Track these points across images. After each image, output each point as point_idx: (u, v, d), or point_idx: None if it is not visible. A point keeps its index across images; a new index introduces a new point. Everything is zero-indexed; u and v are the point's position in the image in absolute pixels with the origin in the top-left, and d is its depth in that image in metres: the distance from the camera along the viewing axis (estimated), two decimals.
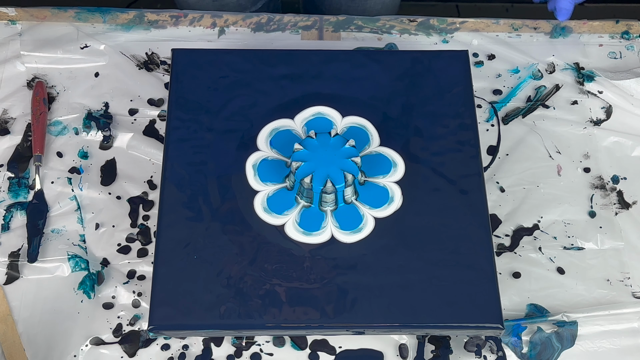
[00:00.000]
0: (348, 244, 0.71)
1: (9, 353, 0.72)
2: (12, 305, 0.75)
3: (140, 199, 0.80)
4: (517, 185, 0.83)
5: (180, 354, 0.73)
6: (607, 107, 0.88)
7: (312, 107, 0.78)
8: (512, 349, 0.74)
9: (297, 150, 0.72)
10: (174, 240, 0.71)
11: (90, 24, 0.91)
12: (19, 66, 0.88)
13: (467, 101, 0.79)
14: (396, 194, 0.74)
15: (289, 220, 0.72)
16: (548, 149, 0.85)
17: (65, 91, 0.87)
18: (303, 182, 0.71)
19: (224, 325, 0.68)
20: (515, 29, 0.94)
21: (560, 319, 0.75)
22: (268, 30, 0.92)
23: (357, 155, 0.72)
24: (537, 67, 0.91)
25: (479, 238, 0.72)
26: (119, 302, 0.75)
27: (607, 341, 0.75)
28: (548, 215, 0.81)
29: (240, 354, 0.73)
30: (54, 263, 0.77)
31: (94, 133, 0.84)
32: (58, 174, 0.82)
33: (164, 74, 0.88)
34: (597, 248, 0.79)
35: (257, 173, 0.75)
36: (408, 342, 0.74)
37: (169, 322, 0.68)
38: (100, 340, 0.73)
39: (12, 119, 0.85)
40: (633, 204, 0.82)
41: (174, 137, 0.76)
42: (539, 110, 0.88)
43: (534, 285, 0.77)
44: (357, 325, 0.69)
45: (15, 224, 0.79)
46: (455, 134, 0.77)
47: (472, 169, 0.75)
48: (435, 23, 0.93)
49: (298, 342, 0.74)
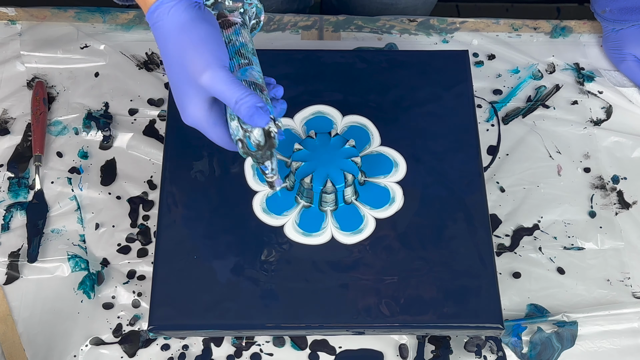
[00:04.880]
0: (348, 245, 0.71)
1: (9, 353, 0.72)
2: (12, 305, 0.75)
3: (140, 199, 0.80)
4: (517, 185, 0.83)
5: (180, 354, 0.73)
6: (607, 107, 0.88)
7: (311, 106, 0.78)
8: (512, 349, 0.74)
9: (297, 150, 0.72)
10: (174, 240, 0.71)
11: (90, 24, 0.91)
12: (18, 66, 0.88)
13: (467, 101, 0.79)
14: (397, 194, 0.74)
15: (288, 220, 0.72)
16: (548, 149, 0.85)
17: (65, 91, 0.87)
18: (303, 182, 0.71)
19: (224, 325, 0.68)
20: (515, 29, 0.94)
21: (561, 319, 0.75)
22: (268, 30, 0.92)
23: (357, 155, 0.72)
24: (537, 67, 0.91)
25: (479, 238, 0.72)
26: (118, 302, 0.75)
27: (607, 341, 0.75)
28: (548, 215, 0.81)
29: (240, 354, 0.73)
30: (54, 263, 0.76)
31: (94, 133, 0.84)
32: (58, 174, 0.82)
33: (164, 74, 0.88)
34: (597, 248, 0.79)
35: (256, 173, 0.75)
36: (408, 342, 0.74)
37: (169, 322, 0.68)
38: (100, 340, 0.73)
39: (12, 119, 0.85)
40: (633, 204, 0.82)
41: (174, 137, 0.76)
42: (539, 110, 0.88)
43: (534, 285, 0.77)
44: (357, 325, 0.69)
45: (15, 224, 0.79)
46: (456, 134, 0.77)
47: (472, 169, 0.75)
48: (435, 23, 0.93)
49: (298, 342, 0.74)
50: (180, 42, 0.61)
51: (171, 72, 0.62)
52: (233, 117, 0.62)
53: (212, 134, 0.64)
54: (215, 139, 0.64)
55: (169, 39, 0.62)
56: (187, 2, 0.62)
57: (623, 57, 0.88)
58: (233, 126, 0.62)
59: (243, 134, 0.62)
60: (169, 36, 0.61)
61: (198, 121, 0.63)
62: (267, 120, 0.60)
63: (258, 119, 0.59)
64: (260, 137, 0.61)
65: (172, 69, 0.62)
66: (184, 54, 0.61)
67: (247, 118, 0.59)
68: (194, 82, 0.61)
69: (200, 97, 0.62)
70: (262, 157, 0.63)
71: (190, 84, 0.61)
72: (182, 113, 0.63)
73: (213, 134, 0.64)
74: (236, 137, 0.62)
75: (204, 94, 0.61)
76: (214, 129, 0.63)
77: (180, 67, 0.61)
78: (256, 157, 0.63)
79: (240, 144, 0.62)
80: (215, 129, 0.63)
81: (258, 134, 0.61)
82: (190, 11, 0.62)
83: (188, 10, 0.62)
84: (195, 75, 0.60)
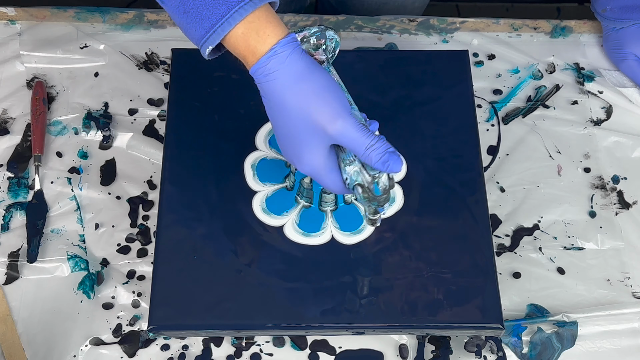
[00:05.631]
0: (348, 245, 0.71)
1: (9, 353, 0.72)
2: (12, 306, 0.75)
3: (140, 199, 0.80)
4: (517, 185, 0.83)
5: (180, 354, 0.73)
6: (608, 107, 0.88)
7: None
8: (512, 349, 0.74)
9: None
10: (173, 240, 0.71)
11: (90, 23, 0.91)
12: (18, 66, 0.88)
13: (467, 101, 0.79)
14: (397, 194, 0.74)
15: (288, 221, 0.72)
16: (548, 149, 0.85)
17: (65, 91, 0.87)
18: (303, 182, 0.71)
19: (224, 325, 0.68)
20: (516, 29, 0.94)
21: (561, 319, 0.75)
22: None
23: None
24: (537, 67, 0.90)
25: (479, 238, 0.72)
26: (118, 302, 0.75)
27: (607, 341, 0.75)
28: (548, 215, 0.81)
29: (240, 354, 0.73)
30: (54, 263, 0.76)
31: (94, 133, 0.84)
32: (58, 174, 0.82)
33: (164, 73, 0.88)
34: (597, 248, 0.79)
35: (255, 173, 0.75)
36: (408, 342, 0.74)
37: (169, 322, 0.68)
38: (100, 340, 0.73)
39: (11, 119, 0.85)
40: (633, 204, 0.82)
41: (174, 137, 0.76)
42: (539, 110, 0.88)
43: (534, 286, 0.77)
44: (357, 325, 0.69)
45: (15, 224, 0.79)
46: (456, 134, 0.77)
47: (472, 169, 0.75)
48: (435, 23, 0.93)
49: (298, 342, 0.74)
50: (301, 91, 0.58)
51: (288, 124, 0.60)
52: (349, 162, 0.62)
53: (328, 180, 0.63)
54: (329, 184, 0.63)
55: (286, 90, 0.58)
56: (300, 49, 0.59)
57: (623, 56, 0.88)
58: (350, 171, 0.62)
59: (366, 179, 0.62)
60: (287, 87, 0.58)
61: (317, 169, 0.62)
62: (401, 164, 0.59)
63: (393, 165, 0.59)
64: (387, 181, 0.62)
65: (290, 121, 0.60)
66: (307, 104, 0.58)
67: (380, 164, 0.59)
68: (319, 131, 0.59)
69: (322, 145, 0.60)
70: (385, 200, 0.63)
71: (314, 133, 0.59)
72: (299, 162, 0.62)
73: (328, 180, 0.63)
74: (354, 182, 0.62)
75: (327, 142, 0.60)
76: (330, 175, 0.62)
77: (302, 117, 0.59)
78: (379, 201, 0.63)
79: (360, 189, 0.62)
80: (331, 175, 0.62)
81: (386, 179, 0.62)
82: (305, 58, 0.59)
83: (303, 58, 0.59)
84: (323, 124, 0.59)
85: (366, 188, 0.62)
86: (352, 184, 0.62)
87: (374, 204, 0.63)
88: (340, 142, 0.60)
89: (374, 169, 0.61)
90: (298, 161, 0.62)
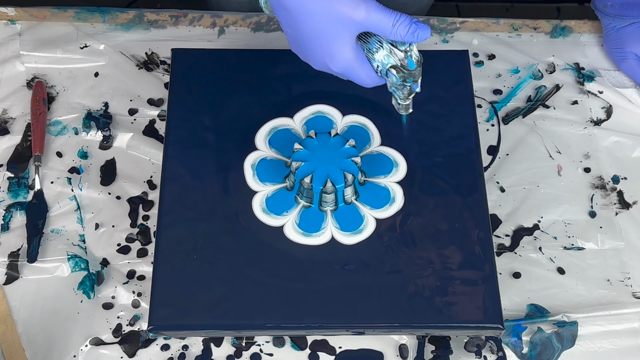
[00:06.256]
0: (348, 246, 0.71)
1: (9, 353, 0.72)
2: (12, 306, 0.75)
3: (140, 199, 0.80)
4: (517, 185, 0.83)
5: (180, 354, 0.73)
6: (608, 107, 0.88)
7: (311, 105, 0.78)
8: (512, 349, 0.74)
9: (297, 150, 0.72)
10: (173, 240, 0.71)
11: (90, 23, 0.91)
12: (18, 66, 0.88)
13: (467, 101, 0.79)
14: (398, 194, 0.74)
15: (288, 221, 0.72)
16: (548, 149, 0.85)
17: (65, 91, 0.87)
18: (303, 182, 0.71)
19: (224, 325, 0.68)
20: (516, 29, 0.94)
21: (561, 319, 0.75)
22: (268, 30, 0.92)
23: (357, 155, 0.72)
24: (537, 67, 0.90)
25: (479, 238, 0.72)
26: (118, 302, 0.75)
27: (607, 341, 0.75)
28: (548, 215, 0.81)
29: (240, 354, 0.73)
30: (54, 263, 0.76)
31: (94, 133, 0.84)
32: (58, 174, 0.82)
33: (164, 73, 0.88)
34: (597, 248, 0.79)
35: (255, 173, 0.75)
36: (408, 342, 0.74)
37: (169, 322, 0.68)
38: (100, 340, 0.73)
39: (11, 119, 0.85)
40: (633, 204, 0.82)
41: (174, 137, 0.76)
42: (539, 110, 0.88)
43: (534, 286, 0.77)
44: (357, 325, 0.69)
45: (15, 224, 0.79)
46: (456, 134, 0.77)
47: (472, 169, 0.75)
48: (435, 23, 0.93)
49: (298, 342, 0.74)
50: None
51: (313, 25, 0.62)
52: (375, 50, 0.64)
53: (362, 72, 0.65)
54: (363, 77, 0.66)
55: None
56: None
57: (624, 55, 0.88)
58: (379, 58, 0.65)
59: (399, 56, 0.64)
60: None
61: (350, 62, 0.64)
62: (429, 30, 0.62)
63: (422, 33, 0.62)
64: (419, 53, 0.64)
65: (314, 21, 0.62)
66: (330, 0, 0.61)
67: (410, 36, 0.62)
68: (345, 21, 0.61)
69: (350, 36, 0.63)
70: (419, 74, 0.66)
71: (341, 24, 0.62)
72: (331, 60, 0.64)
73: (362, 72, 0.65)
74: (387, 65, 0.65)
75: (354, 32, 0.63)
76: (363, 67, 0.65)
77: (326, 12, 0.61)
78: (414, 75, 0.65)
79: (394, 70, 0.64)
80: (364, 67, 0.65)
81: (417, 50, 0.64)
82: None
83: None
84: (348, 13, 0.61)
85: (399, 68, 0.64)
86: (385, 68, 0.65)
87: (409, 80, 0.65)
88: (367, 27, 0.62)
89: (403, 44, 0.64)
90: (330, 60, 0.64)
